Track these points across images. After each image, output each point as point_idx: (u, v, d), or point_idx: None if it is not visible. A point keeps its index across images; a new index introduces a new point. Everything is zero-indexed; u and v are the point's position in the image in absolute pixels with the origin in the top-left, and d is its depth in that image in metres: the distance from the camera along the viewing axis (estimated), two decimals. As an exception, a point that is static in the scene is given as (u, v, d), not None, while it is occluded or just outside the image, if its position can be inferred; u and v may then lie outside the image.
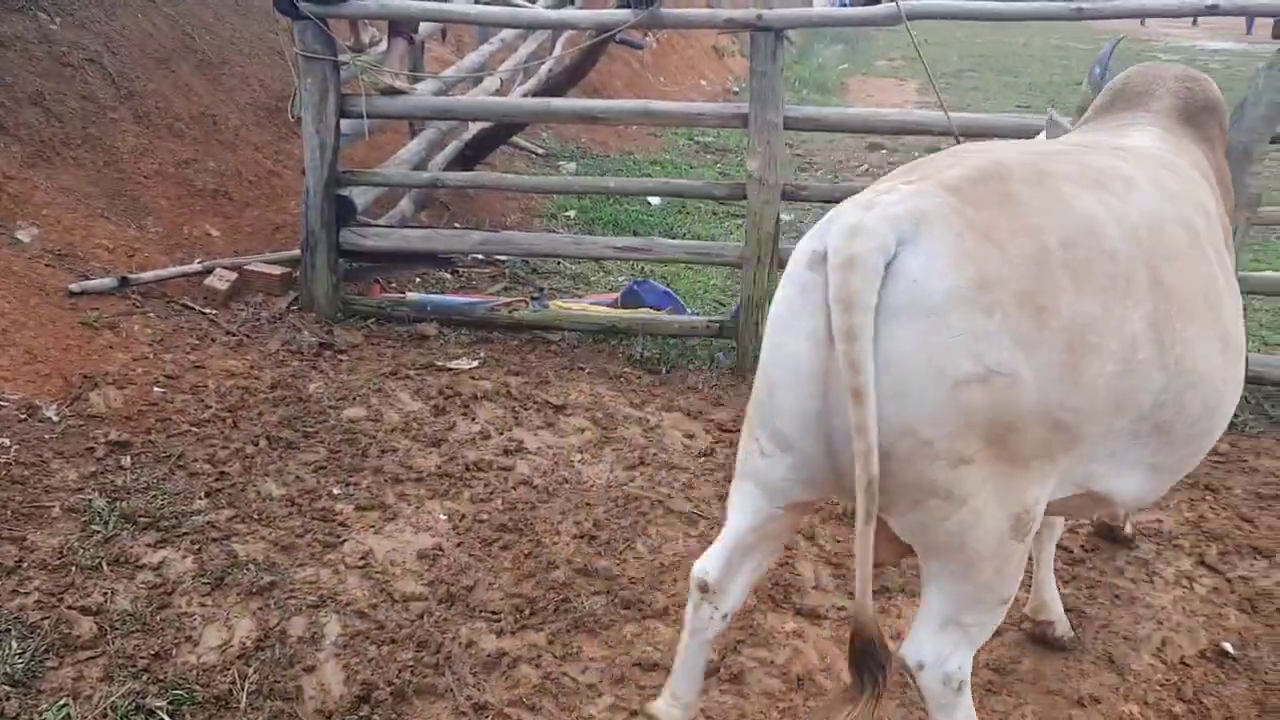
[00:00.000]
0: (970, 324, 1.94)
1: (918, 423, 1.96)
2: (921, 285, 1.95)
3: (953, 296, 1.94)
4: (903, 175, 2.25)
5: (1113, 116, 2.92)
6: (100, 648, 2.78)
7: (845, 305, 1.94)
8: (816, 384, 2.05)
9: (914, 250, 1.97)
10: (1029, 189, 2.11)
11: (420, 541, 3.42)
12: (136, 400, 4.00)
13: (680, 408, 4.56)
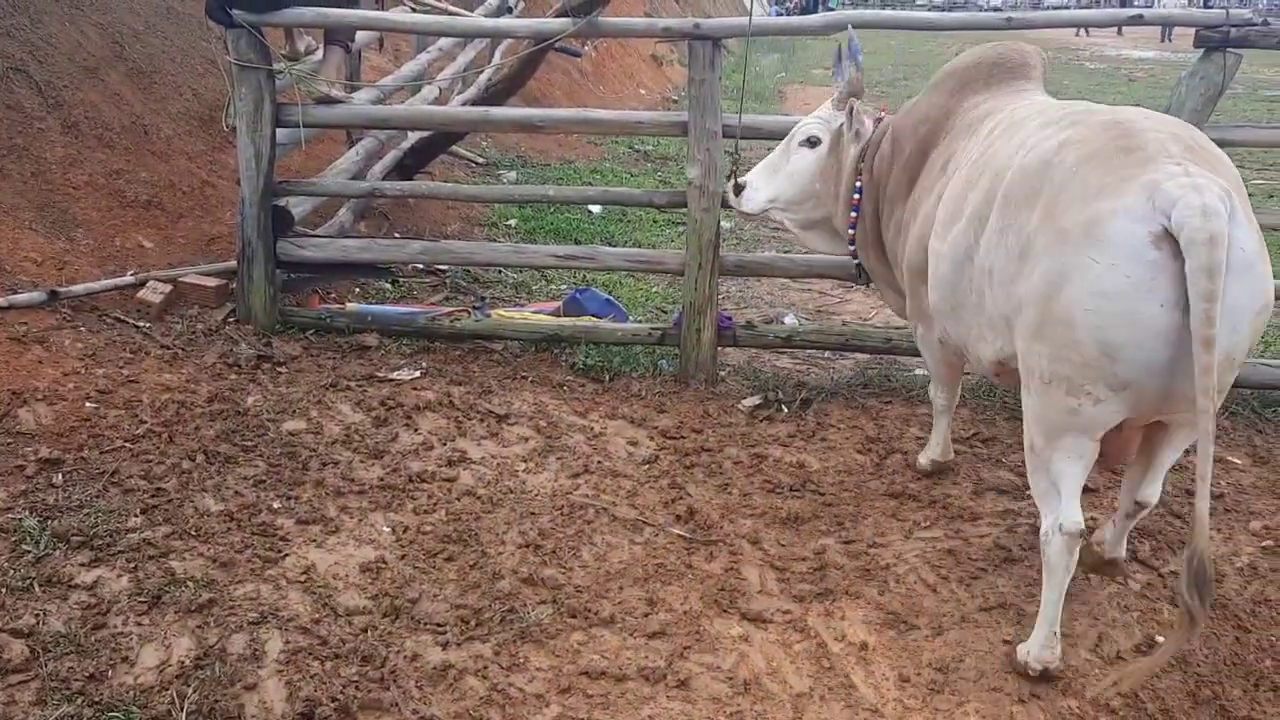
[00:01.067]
0: (1264, 269, 2.64)
1: (1237, 351, 2.65)
2: (1245, 250, 2.56)
3: (1258, 253, 2.61)
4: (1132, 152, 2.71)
5: (1004, 85, 3.59)
6: (33, 671, 2.71)
7: (1210, 273, 2.44)
8: (1166, 338, 2.58)
9: (1235, 223, 2.53)
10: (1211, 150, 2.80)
11: (363, 554, 3.38)
12: (68, 416, 3.91)
13: (624, 415, 4.56)
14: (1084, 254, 2.62)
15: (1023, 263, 2.79)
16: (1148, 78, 21.61)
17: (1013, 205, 2.86)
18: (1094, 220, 2.61)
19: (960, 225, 3.12)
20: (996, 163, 3.05)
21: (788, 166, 4.10)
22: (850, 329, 5.16)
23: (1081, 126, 2.86)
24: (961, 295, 3.18)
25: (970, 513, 3.89)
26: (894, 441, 4.44)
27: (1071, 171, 2.73)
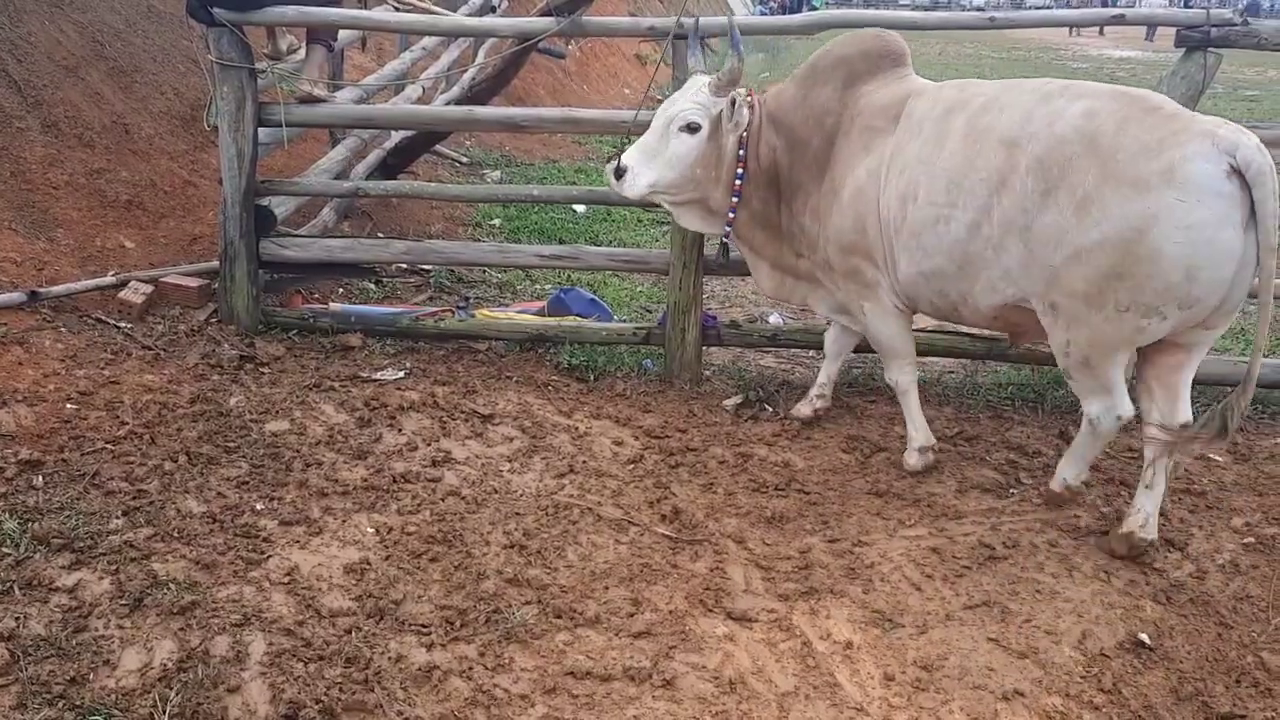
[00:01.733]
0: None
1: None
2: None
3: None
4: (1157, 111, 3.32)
5: (890, 73, 4.01)
6: (13, 674, 2.68)
7: (1275, 196, 3.10)
8: (1234, 257, 3.15)
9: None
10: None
11: (347, 556, 3.37)
12: (48, 418, 3.87)
13: (609, 415, 4.56)
14: (1168, 196, 3.13)
15: (1082, 216, 3.27)
16: (1129, 77, 21.72)
17: (1056, 169, 3.33)
18: (1170, 167, 3.14)
19: (972, 194, 3.54)
20: (1001, 136, 3.49)
21: (668, 152, 4.02)
22: (835, 328, 5.15)
23: (1094, 97, 3.40)
24: (974, 254, 3.58)
25: (954, 511, 3.90)
26: (878, 440, 4.45)
27: (1118, 133, 3.25)
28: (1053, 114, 3.40)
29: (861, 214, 3.89)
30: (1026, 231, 3.41)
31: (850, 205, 3.93)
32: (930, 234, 3.68)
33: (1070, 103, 3.40)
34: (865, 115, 3.95)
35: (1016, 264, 3.49)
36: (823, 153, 4.04)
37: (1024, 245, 3.43)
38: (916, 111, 3.82)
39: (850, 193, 3.93)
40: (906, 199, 3.73)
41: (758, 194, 4.16)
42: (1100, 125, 3.28)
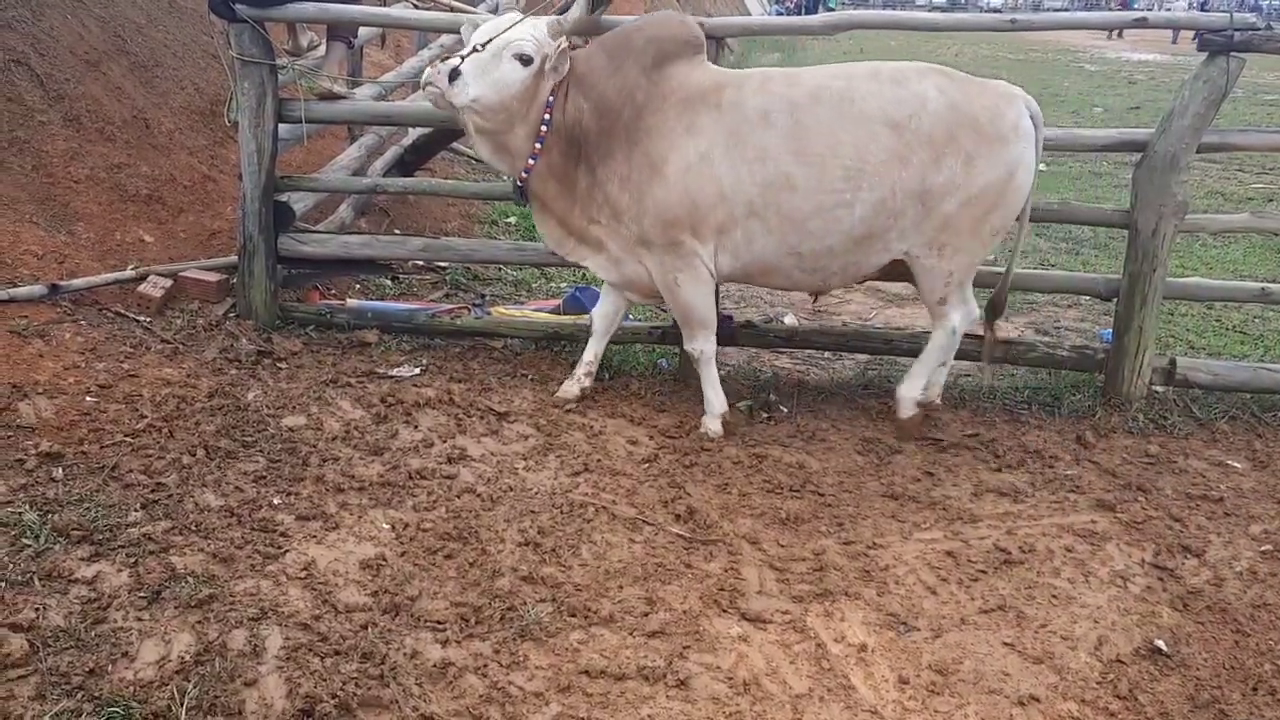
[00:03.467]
0: None
1: None
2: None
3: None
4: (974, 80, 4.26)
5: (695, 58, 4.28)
6: (32, 665, 2.69)
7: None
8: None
9: None
10: None
11: (363, 551, 3.38)
12: (68, 410, 3.90)
13: (623, 414, 4.56)
14: (1019, 145, 4.12)
15: (969, 170, 4.07)
16: (1148, 80, 21.62)
17: (941, 139, 4.05)
18: (1015, 124, 4.12)
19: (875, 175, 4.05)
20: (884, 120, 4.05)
21: (497, 73, 4.07)
22: (851, 329, 5.17)
23: (924, 75, 4.15)
24: (877, 227, 4.14)
25: (970, 515, 3.89)
26: (893, 443, 4.44)
27: (971, 103, 4.09)
28: (915, 96, 4.07)
29: (692, 192, 4.11)
30: (925, 194, 4.09)
31: (678, 182, 4.11)
32: (823, 219, 4.10)
33: (919, 84, 4.10)
34: (680, 96, 4.16)
35: (911, 223, 4.15)
36: (633, 124, 4.18)
37: (922, 205, 4.11)
38: (749, 103, 4.11)
39: (677, 170, 4.11)
40: (776, 188, 4.08)
41: (558, 147, 4.24)
42: (956, 99, 4.08)
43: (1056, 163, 10.99)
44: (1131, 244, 4.68)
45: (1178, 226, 4.60)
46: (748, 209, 4.13)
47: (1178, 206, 4.55)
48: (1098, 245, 7.75)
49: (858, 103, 4.09)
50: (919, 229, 4.16)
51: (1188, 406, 4.81)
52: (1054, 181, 10.18)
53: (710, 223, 4.17)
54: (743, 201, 4.12)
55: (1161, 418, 4.71)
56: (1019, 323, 6.17)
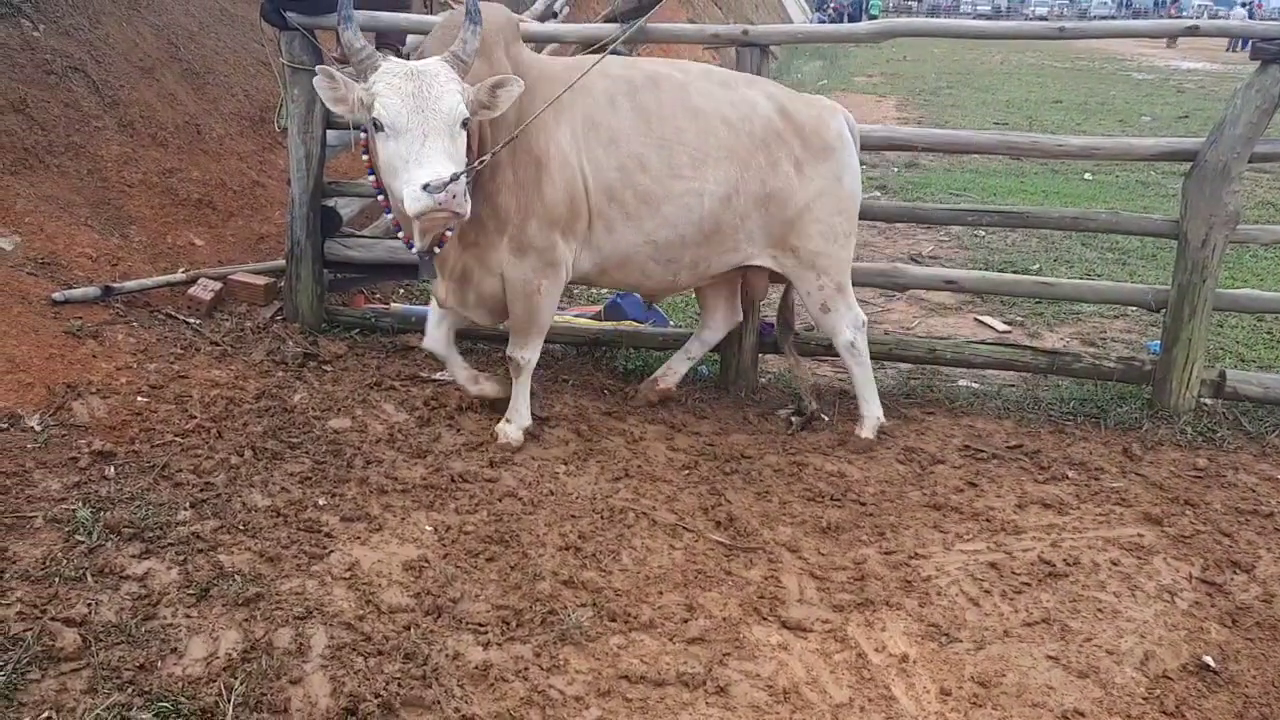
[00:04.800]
0: None
1: None
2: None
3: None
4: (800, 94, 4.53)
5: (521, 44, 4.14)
6: (84, 660, 2.75)
7: None
8: None
9: None
10: None
11: (406, 553, 3.41)
12: (120, 410, 3.98)
13: (663, 420, 4.57)
14: (843, 153, 4.36)
15: (801, 177, 4.27)
16: (1197, 89, 21.32)
17: (774, 145, 4.21)
18: (838, 132, 4.36)
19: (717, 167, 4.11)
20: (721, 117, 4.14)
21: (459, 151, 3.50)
22: (893, 339, 5.14)
23: (750, 84, 4.34)
24: (725, 223, 4.21)
25: (1014, 526, 3.86)
26: (935, 452, 4.41)
27: (797, 112, 4.29)
28: (745, 100, 4.22)
29: (570, 183, 4.00)
30: (767, 199, 4.23)
31: (560, 176, 3.98)
32: (675, 205, 4.11)
33: (748, 90, 4.27)
34: (542, 84, 3.90)
35: (758, 227, 4.27)
36: (513, 121, 3.84)
37: (765, 210, 4.25)
38: (595, 85, 4.04)
39: (557, 163, 3.97)
40: (631, 170, 4.04)
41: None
42: (784, 106, 4.28)
43: (1104, 172, 10.86)
44: (1181, 255, 4.62)
45: (1228, 237, 4.53)
46: (608, 195, 4.05)
47: (1229, 217, 4.48)
48: (1145, 256, 7.64)
49: (695, 97, 4.15)
50: (766, 233, 4.30)
51: (1237, 420, 4.74)
52: (1101, 191, 10.06)
53: (582, 216, 4.05)
54: (604, 187, 4.03)
55: (1210, 431, 4.64)
56: (1065, 333, 6.10)
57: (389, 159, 3.46)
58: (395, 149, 3.42)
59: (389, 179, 3.53)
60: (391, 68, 3.47)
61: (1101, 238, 7.86)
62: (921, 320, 6.30)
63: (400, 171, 3.41)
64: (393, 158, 3.44)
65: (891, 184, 10.18)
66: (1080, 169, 10.87)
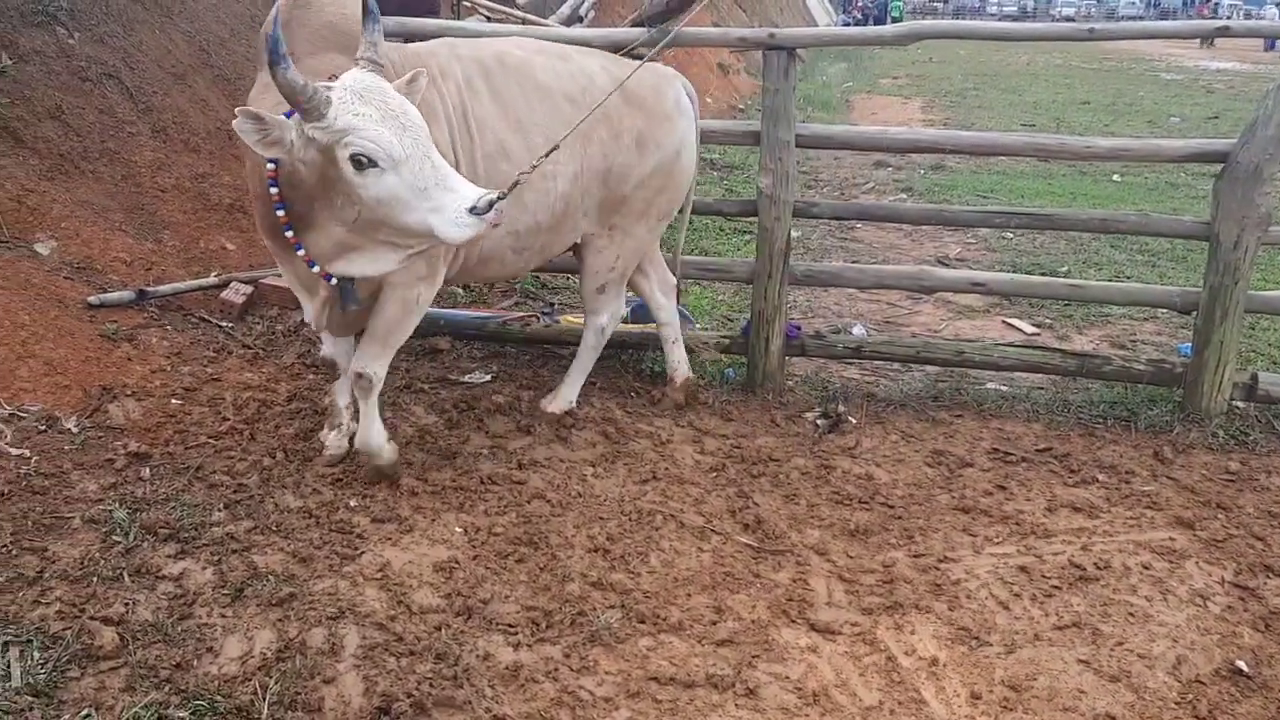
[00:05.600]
0: None
1: None
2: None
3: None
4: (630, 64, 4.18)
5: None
6: (122, 658, 2.79)
7: None
8: None
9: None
10: None
11: (436, 554, 3.44)
12: (155, 412, 4.03)
13: (690, 423, 4.58)
14: (683, 123, 4.24)
15: (641, 150, 4.12)
16: (1226, 89, 21.11)
17: (615, 117, 4.03)
18: (676, 101, 4.24)
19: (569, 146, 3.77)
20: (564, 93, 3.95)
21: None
22: (920, 341, 5.13)
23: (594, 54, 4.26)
24: (572, 203, 4.04)
25: (1043, 529, 3.84)
26: (964, 455, 4.40)
27: (636, 81, 4.03)
28: (583, 71, 4.05)
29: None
30: (608, 173, 4.09)
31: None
32: (535, 192, 3.85)
33: (583, 60, 4.13)
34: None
35: (595, 203, 4.12)
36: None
37: (604, 185, 4.10)
38: (452, 70, 3.78)
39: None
40: (496, 159, 3.79)
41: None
42: (620, 76, 4.00)
43: (1132, 174, 10.78)
44: (1212, 256, 4.58)
45: (1261, 239, 4.49)
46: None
47: (1261, 218, 4.44)
48: (1175, 258, 7.58)
49: (537, 74, 3.95)
50: (600, 209, 4.14)
51: (1270, 423, 4.69)
52: (1129, 193, 9.99)
53: None
54: (472, 179, 3.43)
55: (1243, 434, 4.60)
56: (1094, 336, 6.07)
57: (390, 194, 3.04)
58: (399, 181, 3.02)
59: (396, 214, 3.09)
60: (343, 96, 3.01)
61: (1130, 240, 7.80)
62: (949, 323, 6.28)
63: (418, 202, 3.04)
64: (398, 191, 3.03)
65: (917, 186, 10.15)
66: (1108, 171, 10.79)
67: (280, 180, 3.21)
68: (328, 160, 3.05)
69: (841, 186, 10.37)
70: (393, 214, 3.10)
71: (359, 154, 3.00)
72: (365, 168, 3.02)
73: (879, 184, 10.50)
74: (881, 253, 7.73)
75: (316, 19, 3.45)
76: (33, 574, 3.04)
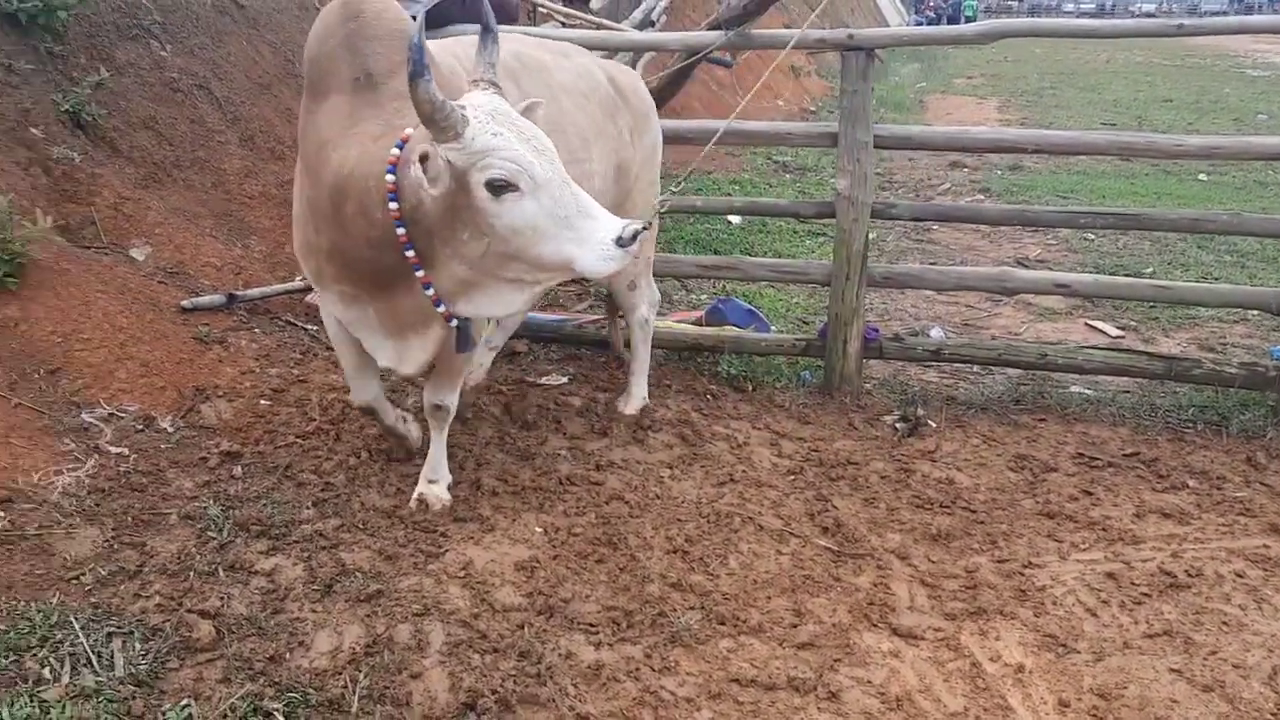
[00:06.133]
0: None
1: None
2: None
3: None
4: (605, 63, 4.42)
5: None
6: (219, 650, 2.88)
7: None
8: None
9: None
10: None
11: (517, 553, 3.48)
12: (245, 412, 4.15)
13: (767, 425, 4.57)
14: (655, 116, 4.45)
15: (636, 144, 4.22)
16: (1317, 85, 20.40)
17: (614, 111, 4.09)
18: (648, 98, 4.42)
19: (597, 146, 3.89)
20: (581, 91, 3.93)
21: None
22: (1001, 343, 5.05)
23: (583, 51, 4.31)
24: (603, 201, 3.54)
25: (1132, 536, 3.76)
26: (1048, 460, 4.32)
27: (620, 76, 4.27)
28: (585, 69, 4.07)
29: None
30: (621, 166, 4.12)
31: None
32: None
33: (580, 57, 4.16)
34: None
35: (611, 200, 3.96)
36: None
37: (617, 181, 4.12)
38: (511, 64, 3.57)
39: None
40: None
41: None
42: (610, 72, 4.21)
43: (1219, 172, 10.47)
44: (1309, 256, 4.44)
45: (1359, 237, 4.35)
46: None
47: (1361, 216, 4.30)
48: (1265, 258, 7.36)
49: (554, 73, 3.86)
50: (615, 206, 3.81)
51: (1370, 429, 4.53)
52: (1218, 192, 9.71)
53: None
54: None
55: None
56: (1181, 338, 5.91)
57: (528, 223, 2.76)
58: (539, 208, 2.75)
59: (532, 246, 2.81)
60: (477, 115, 2.76)
61: (1219, 240, 7.58)
62: (1030, 325, 6.17)
63: (558, 231, 2.77)
64: (537, 219, 2.76)
65: (995, 187, 9.99)
66: (1194, 170, 10.50)
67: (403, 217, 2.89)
68: (459, 187, 2.75)
69: (917, 188, 10.26)
70: (528, 246, 2.80)
71: (498, 178, 2.71)
72: (503, 193, 2.73)
73: (955, 185, 10.36)
74: (959, 254, 7.61)
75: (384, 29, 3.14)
76: (133, 568, 3.15)
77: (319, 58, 3.17)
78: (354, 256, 3.13)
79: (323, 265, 3.30)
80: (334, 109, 3.10)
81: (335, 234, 3.13)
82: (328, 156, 3.02)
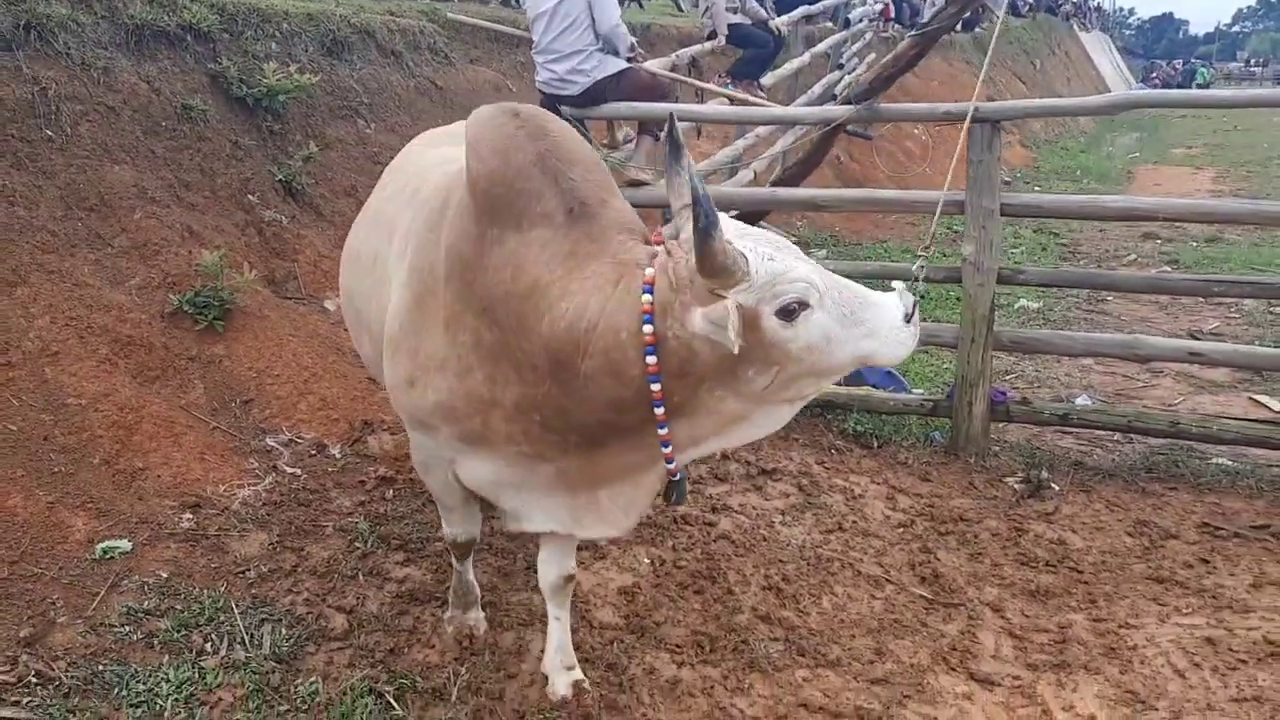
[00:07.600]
0: None
1: None
2: None
3: None
4: None
5: None
6: (349, 640, 3.33)
7: None
8: None
9: None
10: None
11: (622, 580, 3.80)
12: (402, 445, 4.66)
13: (886, 480, 4.72)
14: None
15: None
16: None
17: None
18: None
19: None
20: None
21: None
22: (1133, 410, 5.00)
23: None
24: None
25: (1243, 605, 3.69)
26: (1170, 527, 4.27)
27: None
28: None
29: None
30: None
31: None
32: None
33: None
34: None
35: None
36: None
37: None
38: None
39: None
40: None
41: None
42: None
43: None
44: None
45: None
46: None
47: None
48: None
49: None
50: None
51: None
52: None
53: None
54: None
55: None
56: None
57: (823, 335, 2.37)
58: (827, 317, 2.37)
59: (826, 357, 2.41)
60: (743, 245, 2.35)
61: None
62: (1188, 397, 6.00)
63: (849, 331, 2.40)
64: (829, 329, 2.37)
65: (1186, 259, 9.63)
66: None
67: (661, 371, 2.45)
68: (748, 327, 2.34)
69: (1100, 259, 10.02)
70: (823, 358, 2.44)
71: (791, 301, 2.33)
72: (795, 315, 2.35)
73: (1143, 256, 10.04)
74: (1129, 325, 7.45)
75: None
76: (289, 567, 3.68)
77: (510, 178, 2.56)
78: (575, 418, 2.60)
79: (495, 424, 2.70)
80: (545, 245, 2.55)
81: (541, 390, 2.59)
82: (550, 304, 2.50)
